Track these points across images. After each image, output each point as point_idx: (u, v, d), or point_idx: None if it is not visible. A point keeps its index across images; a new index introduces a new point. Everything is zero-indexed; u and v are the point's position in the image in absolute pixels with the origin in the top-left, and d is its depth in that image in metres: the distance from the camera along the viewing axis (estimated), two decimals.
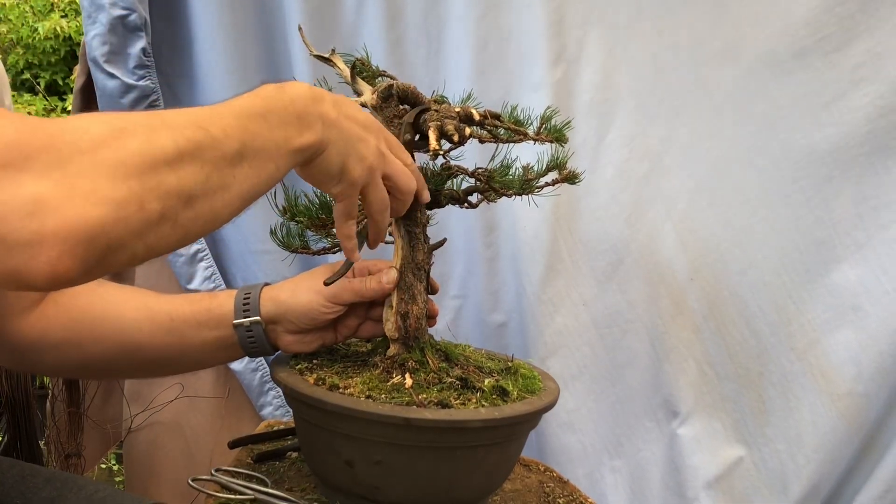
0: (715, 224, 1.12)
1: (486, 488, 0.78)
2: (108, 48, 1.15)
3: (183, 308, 0.78)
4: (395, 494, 0.70)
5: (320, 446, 0.73)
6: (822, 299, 1.08)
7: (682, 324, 1.15)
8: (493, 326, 1.25)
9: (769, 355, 1.12)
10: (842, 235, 1.07)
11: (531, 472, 0.94)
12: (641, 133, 1.14)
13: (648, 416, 1.19)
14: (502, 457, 0.75)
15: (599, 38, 1.13)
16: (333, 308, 0.76)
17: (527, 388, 0.75)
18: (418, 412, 0.66)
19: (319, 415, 0.69)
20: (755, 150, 1.09)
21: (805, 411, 1.10)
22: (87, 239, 0.42)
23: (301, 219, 0.78)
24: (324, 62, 0.79)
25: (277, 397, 1.30)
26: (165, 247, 0.48)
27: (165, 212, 0.46)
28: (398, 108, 0.75)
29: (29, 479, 0.74)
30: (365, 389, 0.69)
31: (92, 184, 0.42)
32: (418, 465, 0.69)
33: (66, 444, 1.28)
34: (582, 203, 1.16)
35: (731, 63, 1.08)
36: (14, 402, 1.14)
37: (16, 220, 0.40)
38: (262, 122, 0.54)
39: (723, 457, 1.14)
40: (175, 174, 0.47)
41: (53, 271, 0.41)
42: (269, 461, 0.85)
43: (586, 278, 1.18)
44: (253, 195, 0.55)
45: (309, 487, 0.79)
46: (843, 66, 1.03)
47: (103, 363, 0.79)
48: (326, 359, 0.79)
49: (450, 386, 0.71)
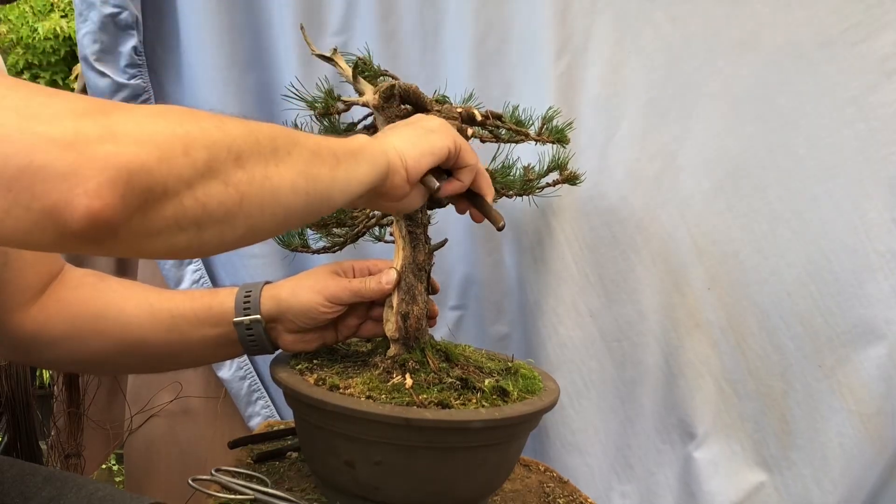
0: (734, 229, 1.05)
1: (487, 488, 0.78)
2: (99, 46, 1.15)
3: (184, 305, 0.79)
4: (396, 495, 0.71)
5: (320, 447, 0.74)
6: (852, 311, 1.01)
7: (698, 337, 1.08)
8: (494, 338, 1.19)
9: (793, 372, 1.05)
10: (874, 242, 1.00)
11: (531, 472, 0.95)
12: (653, 130, 1.07)
13: (661, 437, 1.12)
14: (502, 457, 0.76)
15: (607, 27, 1.07)
16: (333, 308, 0.77)
17: (527, 388, 0.76)
18: (418, 412, 0.66)
19: (320, 415, 0.70)
20: (777, 148, 1.03)
21: (832, 433, 1.04)
22: (128, 174, 0.40)
23: None
24: (325, 61, 0.80)
25: (266, 407, 1.26)
26: (220, 210, 0.45)
27: (213, 164, 0.44)
28: (400, 108, 0.76)
29: (28, 478, 0.75)
30: (365, 390, 0.70)
31: (134, 125, 0.42)
32: (418, 465, 0.70)
33: (67, 444, 1.29)
34: (589, 206, 1.10)
35: (750, 54, 1.02)
36: (14, 402, 1.15)
37: (55, 151, 0.38)
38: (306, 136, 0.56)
39: (743, 482, 1.08)
40: (221, 130, 0.46)
41: (92, 208, 0.39)
42: (269, 461, 0.86)
43: (594, 287, 1.12)
44: (316, 180, 0.53)
45: (309, 487, 0.80)
46: (871, 58, 0.98)
47: (103, 357, 0.80)
48: (326, 359, 0.80)
49: (450, 386, 0.72)
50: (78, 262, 1.31)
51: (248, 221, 0.48)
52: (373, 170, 0.59)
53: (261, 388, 1.26)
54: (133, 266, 1.31)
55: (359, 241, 0.86)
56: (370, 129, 0.81)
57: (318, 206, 0.54)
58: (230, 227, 0.47)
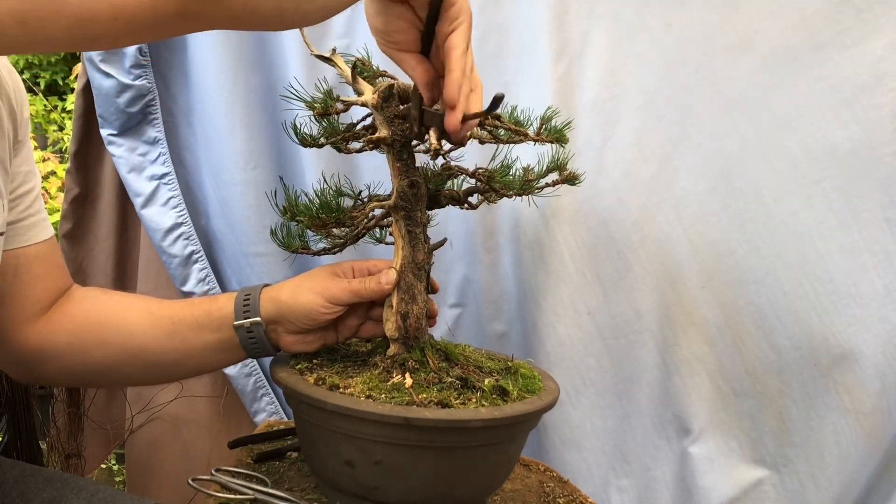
0: (729, 228, 1.06)
1: (487, 488, 0.78)
2: None
3: (184, 311, 0.80)
4: (395, 494, 0.71)
5: (320, 446, 0.73)
6: (847, 310, 1.02)
7: (694, 335, 1.09)
8: (493, 336, 1.20)
9: (790, 370, 1.05)
10: (868, 242, 1.00)
11: (531, 472, 0.94)
12: (649, 132, 1.08)
13: (658, 433, 1.13)
14: (502, 457, 0.76)
15: (604, 31, 1.08)
16: (333, 308, 0.77)
17: (527, 387, 0.76)
18: (419, 412, 0.66)
19: (320, 415, 0.70)
20: (772, 149, 1.03)
21: (828, 430, 1.04)
22: None
23: (301, 219, 0.78)
24: (325, 62, 0.80)
25: (271, 403, 1.28)
26: None
27: None
28: (398, 108, 0.75)
29: (29, 479, 0.75)
30: (365, 389, 0.70)
31: None
32: (418, 464, 0.70)
33: (67, 444, 1.30)
34: (586, 206, 1.11)
35: (744, 58, 1.03)
36: (14, 402, 1.16)
37: None
38: None
39: (739, 478, 1.08)
40: None
41: None
42: (269, 461, 0.86)
43: (591, 286, 1.12)
44: None
45: (309, 487, 0.80)
46: (863, 61, 0.98)
47: (106, 368, 0.80)
48: (326, 359, 0.80)
49: (450, 386, 0.72)
50: (80, 277, 1.33)
51: None
52: None
53: (266, 386, 1.27)
54: (132, 280, 1.32)
55: (359, 242, 0.87)
56: (369, 129, 0.81)
57: None
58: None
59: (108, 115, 1.20)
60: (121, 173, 1.23)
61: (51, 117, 2.97)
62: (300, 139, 0.80)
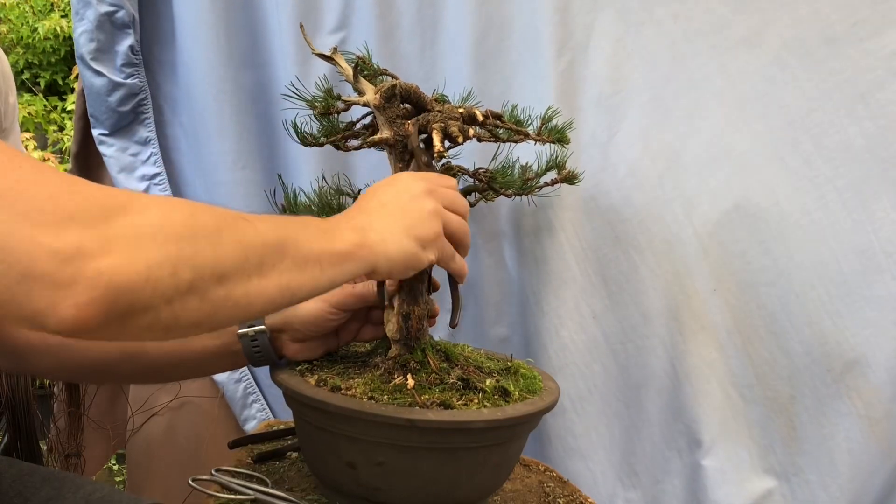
0: (740, 229, 1.02)
1: (488, 489, 0.79)
2: (96, 45, 1.15)
3: None
4: (397, 495, 0.71)
5: (322, 448, 0.74)
6: (861, 313, 0.99)
7: (703, 340, 1.05)
8: (494, 341, 1.17)
9: (802, 377, 1.02)
10: (883, 242, 0.97)
11: (531, 472, 0.95)
12: (656, 128, 1.05)
13: (668, 444, 1.09)
14: (504, 457, 0.76)
15: (609, 24, 1.05)
16: (339, 314, 0.78)
17: (528, 388, 0.76)
18: (421, 413, 0.67)
19: (321, 416, 0.70)
20: (784, 146, 1.00)
21: (840, 438, 1.01)
22: (115, 293, 0.43)
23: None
24: (325, 60, 0.80)
25: (262, 410, 1.25)
26: (190, 320, 0.49)
27: (196, 283, 0.47)
28: (400, 108, 0.76)
29: (27, 478, 0.75)
30: (367, 391, 0.70)
31: (131, 242, 0.44)
32: (420, 466, 0.70)
33: (67, 444, 1.30)
34: (591, 205, 1.08)
35: (755, 51, 1.00)
36: (14, 402, 1.15)
37: (55, 263, 0.42)
38: (301, 225, 0.58)
39: (750, 489, 1.05)
40: (213, 249, 0.49)
41: (76, 318, 0.42)
42: (269, 461, 0.87)
43: (596, 289, 1.09)
44: (295, 292, 0.55)
45: (309, 487, 0.80)
46: (879, 54, 0.95)
47: (102, 366, 0.80)
48: (327, 360, 0.81)
49: (451, 386, 0.72)
50: None
51: (213, 325, 0.52)
52: (354, 272, 0.60)
53: (257, 391, 1.25)
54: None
55: None
56: (369, 128, 0.81)
57: (286, 306, 0.57)
58: (196, 329, 0.51)
59: (99, 115, 1.19)
60: (111, 173, 1.21)
61: (51, 117, 2.99)
62: (300, 138, 0.80)
